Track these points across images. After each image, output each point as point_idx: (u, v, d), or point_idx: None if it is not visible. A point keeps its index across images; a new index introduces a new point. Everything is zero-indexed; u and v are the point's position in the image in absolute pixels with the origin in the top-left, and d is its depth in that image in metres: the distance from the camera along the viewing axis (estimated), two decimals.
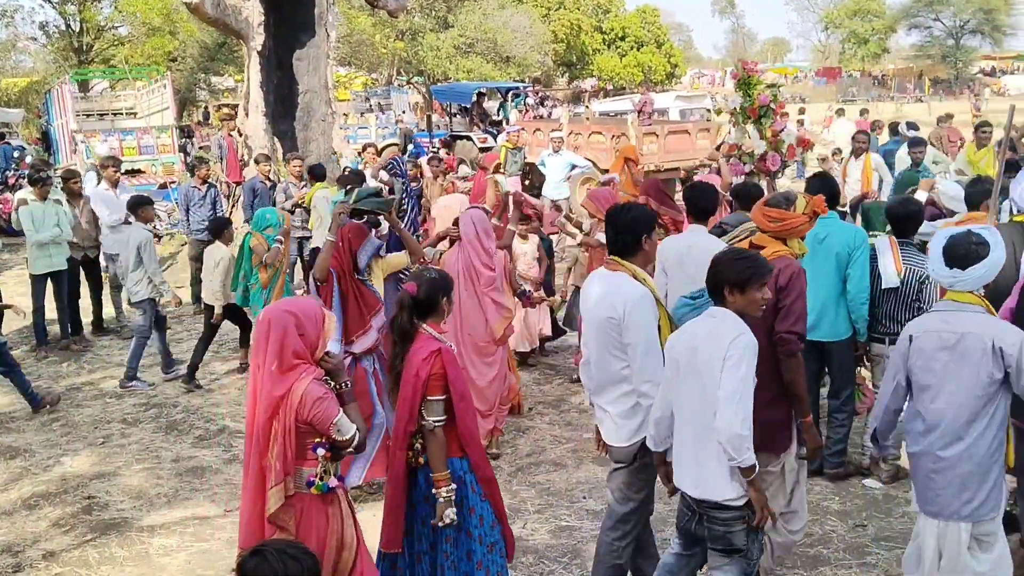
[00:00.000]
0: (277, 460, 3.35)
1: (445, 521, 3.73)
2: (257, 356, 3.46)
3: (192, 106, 36.00)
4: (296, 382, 3.35)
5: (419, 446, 3.82)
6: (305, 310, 3.47)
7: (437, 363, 3.76)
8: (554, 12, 51.57)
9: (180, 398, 7.97)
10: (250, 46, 14.16)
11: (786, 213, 4.38)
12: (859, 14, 70.05)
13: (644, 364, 3.93)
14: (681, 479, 3.77)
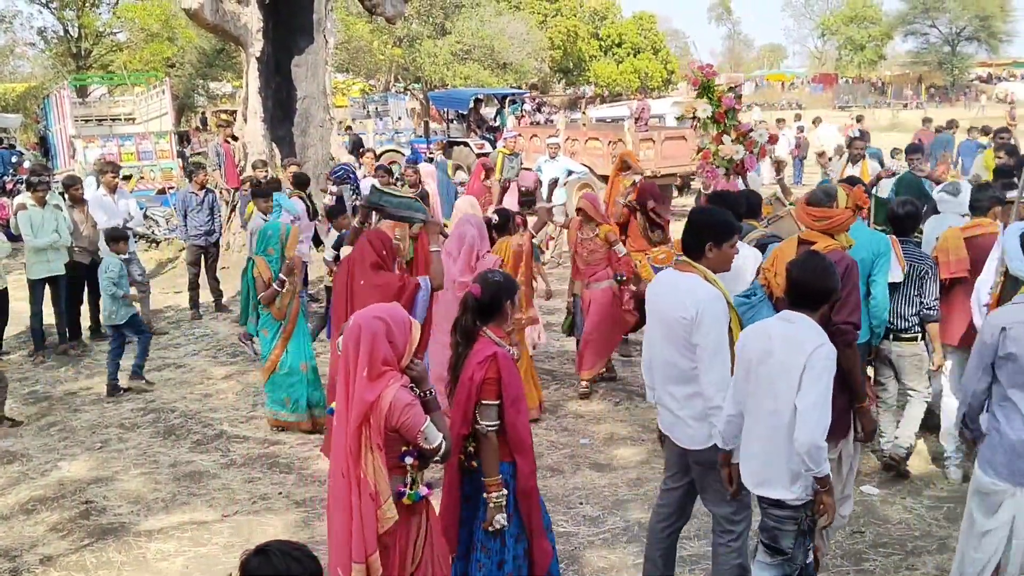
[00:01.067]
0: (381, 471, 3.33)
1: (495, 526, 3.75)
2: (348, 362, 3.42)
3: (191, 112, 36.02)
4: (385, 389, 3.33)
5: (471, 449, 3.84)
6: (395, 316, 3.45)
7: (492, 367, 3.77)
8: (551, 19, 51.71)
9: (178, 403, 7.98)
10: (249, 52, 14.17)
11: (830, 211, 4.51)
12: (855, 20, 70.26)
13: (711, 365, 3.90)
14: (744, 474, 3.80)
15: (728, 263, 4.07)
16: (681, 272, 4.05)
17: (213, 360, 9.29)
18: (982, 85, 64.41)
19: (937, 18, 66.72)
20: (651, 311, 4.24)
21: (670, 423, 4.19)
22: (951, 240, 5.83)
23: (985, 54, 69.67)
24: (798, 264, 3.74)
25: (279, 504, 5.88)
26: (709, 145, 8.82)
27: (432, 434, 3.38)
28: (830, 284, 3.69)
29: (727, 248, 4.00)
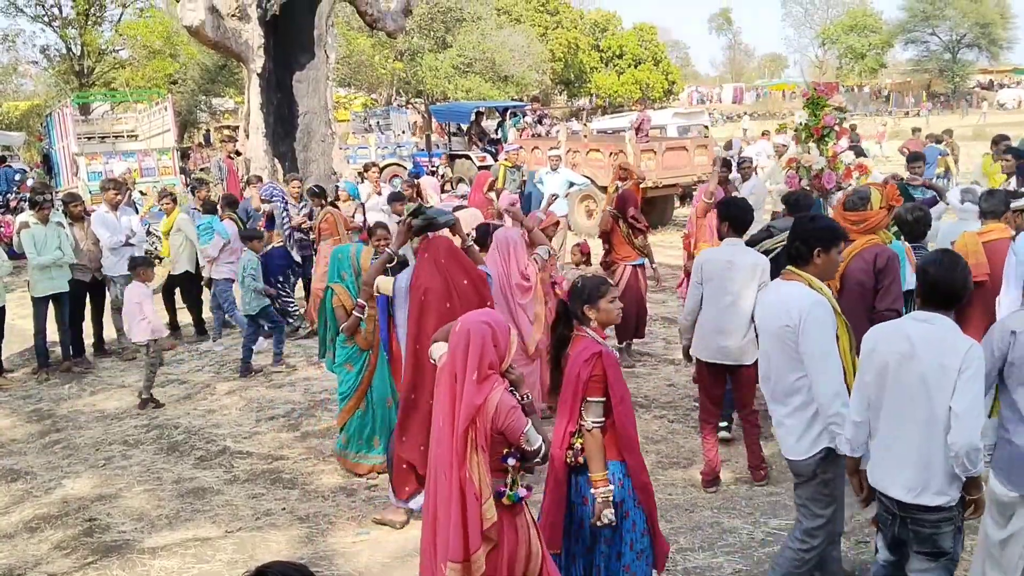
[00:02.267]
0: (485, 472, 3.41)
1: (603, 521, 3.79)
2: (454, 365, 3.48)
3: (193, 128, 36.17)
4: (491, 392, 3.41)
5: (578, 446, 3.88)
6: (498, 322, 3.53)
7: (598, 365, 3.84)
8: (552, 31, 51.92)
9: (181, 419, 7.98)
10: (250, 68, 14.25)
11: (865, 213, 4.75)
12: (855, 29, 70.39)
13: (823, 372, 3.86)
14: (887, 483, 3.66)
15: (834, 270, 4.11)
16: (786, 281, 4.06)
17: (216, 376, 9.29)
18: (983, 92, 64.47)
19: (937, 26, 66.86)
20: (760, 325, 4.25)
21: (780, 436, 4.20)
22: (970, 244, 5.83)
23: (986, 61, 69.77)
24: (934, 263, 3.65)
25: (283, 520, 5.87)
26: (799, 153, 8.96)
27: (533, 436, 3.45)
28: (967, 284, 3.64)
29: (835, 254, 4.04)
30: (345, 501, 6.11)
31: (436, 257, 5.26)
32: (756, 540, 5.20)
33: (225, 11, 13.81)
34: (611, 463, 3.89)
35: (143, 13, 36.56)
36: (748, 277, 5.68)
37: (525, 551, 3.57)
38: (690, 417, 7.40)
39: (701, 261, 5.88)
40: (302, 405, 8.15)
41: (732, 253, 5.77)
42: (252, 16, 14.10)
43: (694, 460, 6.51)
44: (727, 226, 5.91)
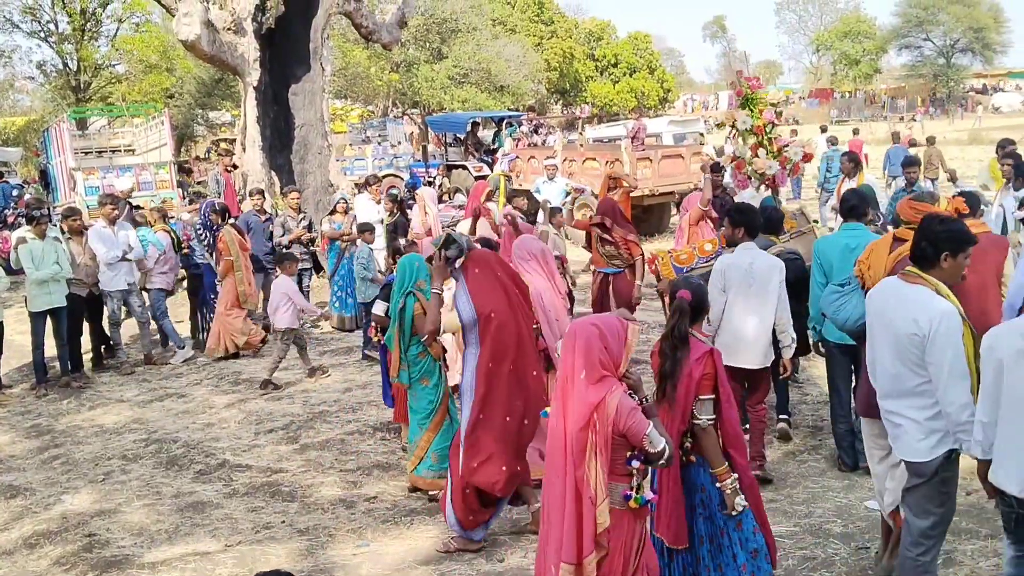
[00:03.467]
0: (601, 475, 3.42)
1: (738, 509, 3.85)
2: (564, 369, 3.53)
3: (190, 141, 36.22)
4: (609, 394, 3.42)
5: (688, 445, 3.95)
6: (608, 324, 3.54)
7: (709, 363, 3.93)
8: (547, 41, 52.07)
9: (180, 433, 7.96)
10: (246, 81, 14.28)
11: (934, 207, 4.71)
12: (849, 36, 70.65)
13: (949, 384, 3.79)
14: (1006, 481, 3.61)
15: (959, 275, 4.00)
16: (909, 283, 3.96)
17: (215, 389, 9.28)
18: (978, 96, 64.65)
19: (931, 31, 67.10)
20: (877, 321, 4.15)
21: (894, 435, 4.13)
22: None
23: (980, 65, 69.98)
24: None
25: (282, 533, 5.86)
26: (745, 155, 8.93)
27: (656, 438, 3.45)
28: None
29: (962, 259, 3.95)
30: (345, 513, 6.10)
31: (492, 272, 5.25)
32: None
33: (221, 25, 13.84)
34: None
35: (139, 28, 36.69)
36: (769, 281, 5.77)
37: (645, 560, 3.61)
38: None
39: (722, 268, 5.90)
40: (301, 417, 8.14)
41: (752, 258, 5.85)
42: (248, 30, 14.14)
43: None
44: (742, 231, 5.96)
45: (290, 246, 11.23)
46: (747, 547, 3.96)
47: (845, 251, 5.79)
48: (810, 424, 7.18)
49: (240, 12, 14.06)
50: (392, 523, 5.90)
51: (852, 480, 6.09)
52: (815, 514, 5.58)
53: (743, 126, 8.90)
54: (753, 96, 9.01)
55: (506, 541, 5.51)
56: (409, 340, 6.02)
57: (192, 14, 13.09)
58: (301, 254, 11.36)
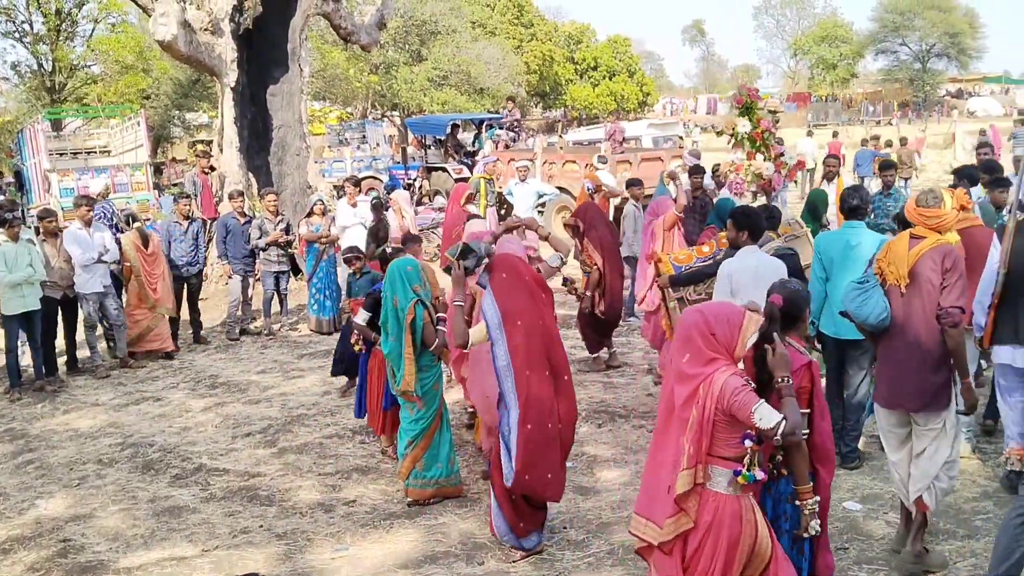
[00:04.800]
0: (691, 445, 3.48)
1: (810, 533, 3.78)
2: (675, 352, 3.67)
3: (167, 143, 35.96)
4: (716, 373, 3.48)
5: (779, 458, 3.85)
6: (716, 313, 3.60)
7: (806, 376, 3.87)
8: (526, 44, 52.06)
9: (156, 437, 7.89)
10: (223, 82, 14.18)
11: (940, 211, 4.90)
12: (827, 40, 71.10)
13: None
14: None
15: None
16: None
17: (192, 393, 9.20)
18: (953, 100, 65.26)
19: (907, 36, 67.67)
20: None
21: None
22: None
23: (955, 70, 70.63)
24: None
25: (260, 537, 5.81)
26: (743, 160, 9.18)
27: (766, 414, 3.41)
28: None
29: None
30: (323, 517, 6.06)
31: (519, 276, 5.24)
32: None
33: (198, 25, 13.74)
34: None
35: (115, 28, 36.34)
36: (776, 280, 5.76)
37: (749, 544, 3.55)
38: None
39: (728, 271, 5.96)
40: (279, 421, 8.09)
41: (757, 260, 5.93)
42: (225, 30, 14.04)
43: None
44: (746, 234, 6.04)
45: (267, 248, 11.17)
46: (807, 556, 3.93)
47: (846, 248, 6.16)
48: None
49: (217, 12, 13.96)
50: (371, 527, 5.87)
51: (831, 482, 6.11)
52: None
53: (743, 130, 9.20)
54: (752, 105, 9.33)
55: (486, 544, 5.50)
56: (420, 351, 5.94)
57: (169, 14, 12.98)
58: (279, 256, 11.30)
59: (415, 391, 5.91)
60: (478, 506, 6.08)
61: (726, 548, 3.50)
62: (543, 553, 5.35)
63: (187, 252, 10.71)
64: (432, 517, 5.95)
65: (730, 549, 3.50)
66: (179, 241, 10.72)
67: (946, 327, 4.72)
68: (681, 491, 3.49)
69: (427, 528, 5.79)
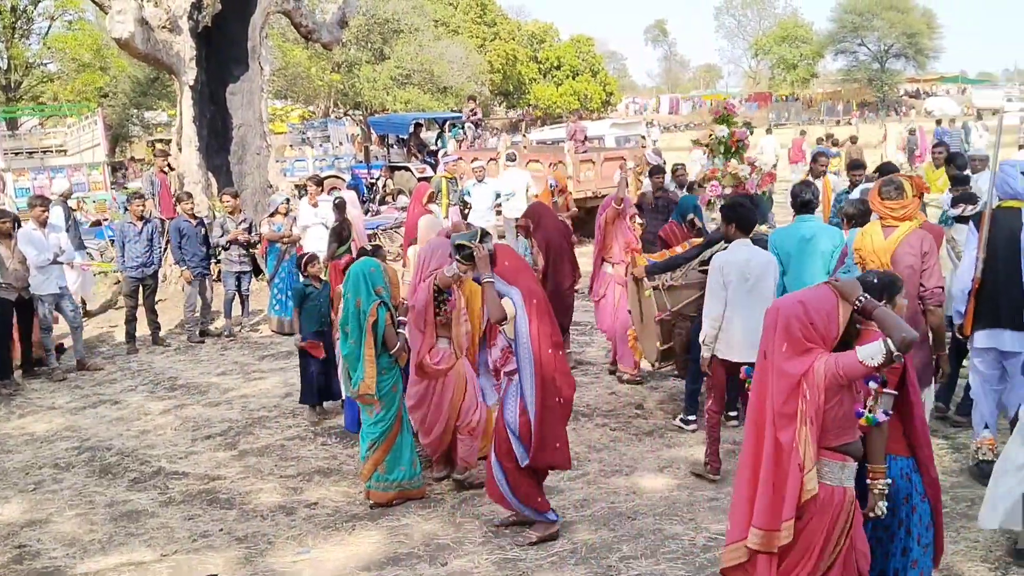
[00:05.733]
0: (808, 442, 3.46)
1: (876, 513, 3.79)
2: (765, 344, 3.66)
3: (125, 142, 35.47)
4: (816, 361, 3.47)
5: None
6: (814, 300, 3.57)
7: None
8: (489, 43, 52.07)
9: (114, 440, 7.77)
10: (182, 81, 14.00)
11: (903, 202, 5.26)
12: (787, 40, 71.87)
13: None
14: None
15: None
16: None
17: (150, 395, 9.08)
18: (911, 100, 66.27)
19: (866, 36, 68.58)
20: None
21: None
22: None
23: (913, 70, 71.71)
24: None
25: (220, 541, 5.75)
26: (718, 164, 9.64)
27: (870, 350, 3.40)
28: None
29: None
30: (284, 520, 6.01)
31: (518, 261, 5.54)
32: (698, 546, 5.24)
33: (155, 23, 13.55)
34: (900, 458, 3.90)
35: (72, 26, 35.77)
36: (765, 276, 5.98)
37: (854, 540, 3.63)
38: (631, 425, 7.45)
39: (720, 264, 6.01)
40: (239, 423, 8.01)
41: (748, 253, 6.00)
42: (183, 28, 13.86)
43: (636, 467, 6.55)
44: (734, 227, 6.11)
45: (228, 247, 11.05)
46: (922, 542, 3.97)
47: (801, 241, 6.36)
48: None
49: (175, 10, 13.78)
50: (333, 529, 5.83)
51: None
52: None
53: (720, 134, 9.74)
54: (728, 117, 9.99)
55: (449, 544, 5.48)
56: (379, 353, 5.89)
57: (126, 11, 12.79)
58: (240, 257, 11.19)
59: (375, 394, 5.88)
60: (441, 507, 6.07)
61: (822, 541, 3.55)
62: (507, 552, 5.35)
63: (142, 253, 10.54)
64: (395, 518, 5.92)
65: (826, 542, 3.56)
66: (133, 242, 10.55)
67: (930, 307, 5.20)
68: (813, 493, 3.49)
69: (390, 529, 5.76)
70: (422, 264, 6.25)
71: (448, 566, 5.23)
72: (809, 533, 3.54)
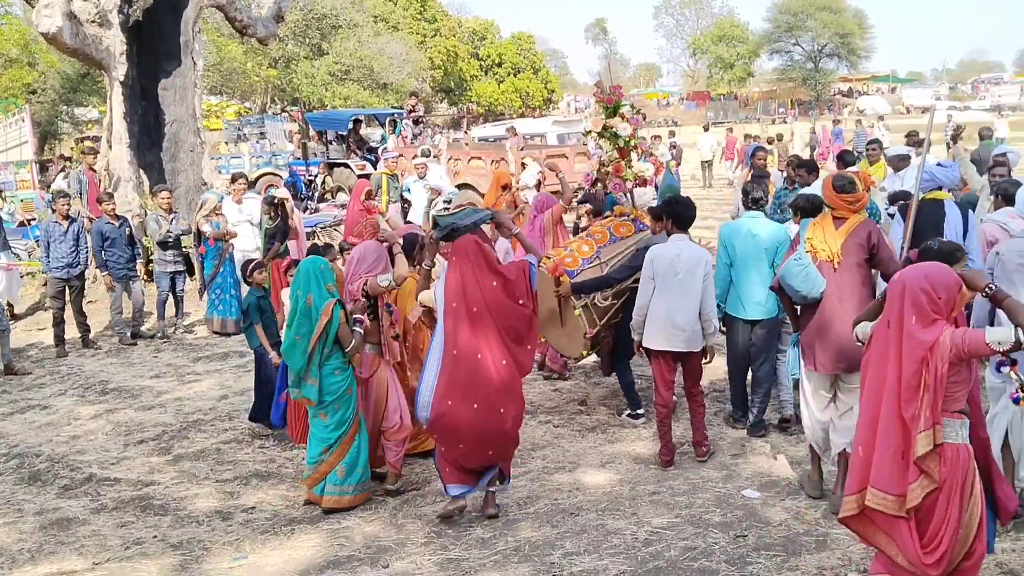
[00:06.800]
0: (927, 408, 3.61)
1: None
2: (888, 314, 3.80)
3: (54, 139, 34.53)
4: (941, 334, 3.63)
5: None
6: (938, 275, 3.73)
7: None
8: (430, 39, 51.91)
9: (43, 446, 7.54)
10: (112, 76, 13.65)
11: (858, 195, 5.44)
12: (724, 40, 72.97)
13: None
14: None
15: None
16: None
17: (81, 399, 8.83)
18: (844, 99, 67.75)
19: (800, 36, 69.97)
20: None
21: None
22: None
23: (845, 69, 73.35)
24: None
25: (154, 548, 5.60)
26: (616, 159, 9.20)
27: (999, 334, 3.58)
28: None
29: None
30: (221, 525, 5.88)
31: (462, 262, 5.42)
32: (640, 540, 5.25)
33: (84, 17, 13.19)
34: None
35: None
36: (696, 269, 6.18)
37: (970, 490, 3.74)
38: (574, 422, 7.45)
39: (651, 257, 6.28)
40: (174, 427, 7.83)
41: (679, 248, 6.25)
42: (113, 22, 13.51)
43: (579, 464, 6.55)
44: (671, 223, 6.41)
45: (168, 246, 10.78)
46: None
47: (748, 236, 6.66)
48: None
49: (105, 4, 13.42)
50: (271, 534, 5.72)
51: (730, 470, 6.25)
52: (695, 505, 5.69)
53: (624, 132, 9.18)
54: (619, 104, 9.26)
55: (391, 546, 5.41)
56: (330, 352, 5.77)
57: (53, 5, 12.43)
58: (174, 257, 10.93)
59: (307, 394, 5.79)
60: (383, 508, 6.00)
61: (959, 497, 3.69)
62: (450, 552, 5.29)
63: (68, 253, 10.25)
64: (335, 521, 5.83)
65: (962, 498, 3.70)
66: (59, 242, 10.25)
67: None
68: (921, 452, 3.64)
69: (330, 532, 5.67)
70: (353, 264, 6.26)
71: (390, 568, 5.16)
72: (947, 492, 3.70)
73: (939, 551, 3.70)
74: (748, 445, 6.71)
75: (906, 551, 3.76)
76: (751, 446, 6.69)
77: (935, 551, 3.70)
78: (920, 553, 3.72)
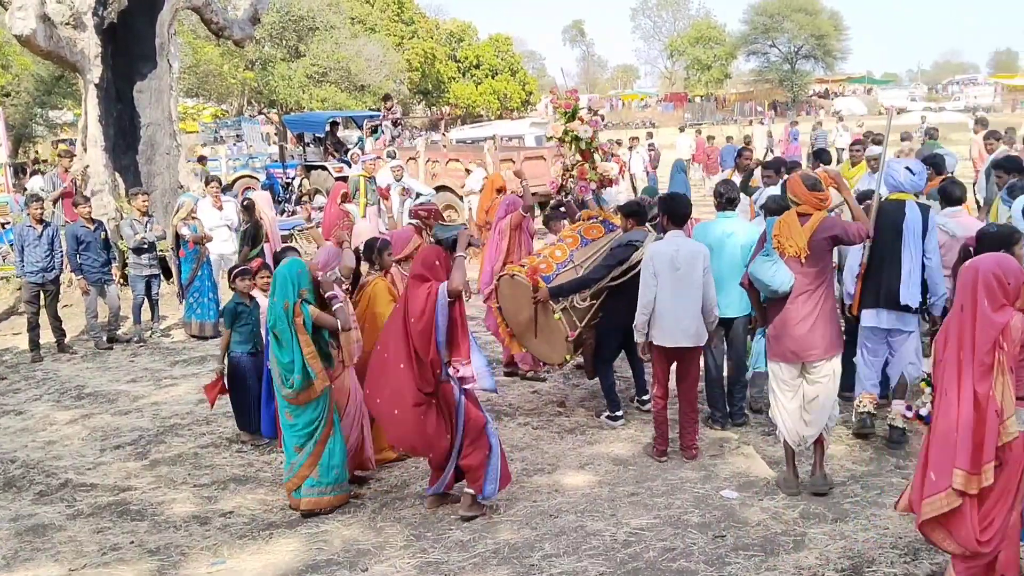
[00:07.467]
0: (1012, 388, 3.84)
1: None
2: (961, 299, 4.01)
3: (29, 142, 34.20)
4: (1012, 319, 3.87)
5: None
6: (1008, 264, 3.98)
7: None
8: (407, 41, 51.79)
9: (18, 452, 7.45)
10: (87, 79, 13.54)
11: (826, 192, 5.66)
12: (701, 41, 73.30)
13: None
14: None
15: None
16: None
17: (56, 404, 8.74)
18: (820, 100, 68.28)
19: (776, 38, 70.46)
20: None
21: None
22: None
23: (822, 71, 73.93)
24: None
25: (131, 554, 5.55)
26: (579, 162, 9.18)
27: None
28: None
29: None
30: (199, 530, 5.84)
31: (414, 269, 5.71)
32: (619, 541, 5.27)
33: (58, 19, 13.08)
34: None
35: None
36: (695, 262, 6.26)
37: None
38: (554, 423, 7.46)
39: (650, 256, 6.34)
40: (151, 432, 7.77)
41: (677, 244, 6.32)
42: (88, 24, 13.41)
43: (558, 465, 6.56)
44: (667, 219, 6.48)
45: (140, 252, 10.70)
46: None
47: (722, 235, 6.85)
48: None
49: (79, 6, 13.32)
50: (249, 538, 5.69)
51: (709, 471, 6.28)
52: (674, 505, 5.71)
53: (585, 135, 9.16)
54: (576, 109, 9.20)
55: (370, 550, 5.40)
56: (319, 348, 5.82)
57: (27, 7, 12.31)
58: (150, 260, 10.85)
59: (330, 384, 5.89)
60: (362, 512, 5.98)
61: (1017, 481, 3.92)
62: (429, 555, 5.29)
63: (42, 257, 10.15)
64: (314, 525, 5.81)
65: (1021, 480, 3.93)
66: (33, 246, 10.15)
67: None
68: (1009, 438, 3.85)
69: (308, 536, 5.65)
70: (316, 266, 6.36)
71: (369, 571, 5.14)
72: (1008, 474, 3.90)
73: (993, 528, 3.95)
74: (726, 446, 6.75)
75: (962, 535, 3.97)
76: (729, 446, 6.73)
77: (989, 528, 3.95)
78: (977, 531, 3.92)
